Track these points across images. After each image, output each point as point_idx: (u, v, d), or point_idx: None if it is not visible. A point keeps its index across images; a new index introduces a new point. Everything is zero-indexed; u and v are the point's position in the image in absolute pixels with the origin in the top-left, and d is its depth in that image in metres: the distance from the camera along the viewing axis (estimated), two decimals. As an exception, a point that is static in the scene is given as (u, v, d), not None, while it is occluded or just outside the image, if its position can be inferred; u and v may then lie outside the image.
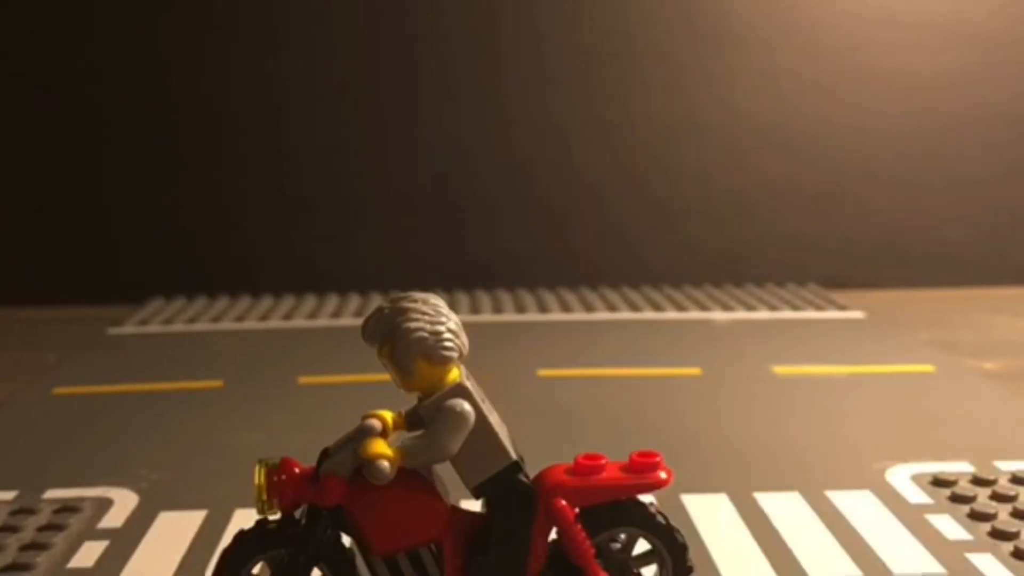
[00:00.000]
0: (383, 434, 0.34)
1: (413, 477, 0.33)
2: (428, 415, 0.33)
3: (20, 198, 0.95)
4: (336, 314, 0.85)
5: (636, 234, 0.99)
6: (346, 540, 0.34)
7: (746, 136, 0.98)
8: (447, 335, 0.32)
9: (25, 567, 0.41)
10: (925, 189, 1.00)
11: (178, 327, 0.82)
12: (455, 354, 0.33)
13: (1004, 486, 0.47)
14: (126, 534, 0.44)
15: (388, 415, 0.35)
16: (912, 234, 1.00)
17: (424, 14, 0.95)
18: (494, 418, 0.34)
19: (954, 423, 0.58)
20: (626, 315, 0.85)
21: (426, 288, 1.01)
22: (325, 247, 0.96)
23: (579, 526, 0.33)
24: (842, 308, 0.87)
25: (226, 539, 0.43)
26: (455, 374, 0.33)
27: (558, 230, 0.98)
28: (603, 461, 0.35)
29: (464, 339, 0.33)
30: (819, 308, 0.87)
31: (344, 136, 0.96)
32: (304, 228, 0.96)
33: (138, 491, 0.48)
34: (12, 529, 0.44)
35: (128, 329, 0.82)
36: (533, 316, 0.85)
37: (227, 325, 0.83)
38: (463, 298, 0.91)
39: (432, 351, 0.32)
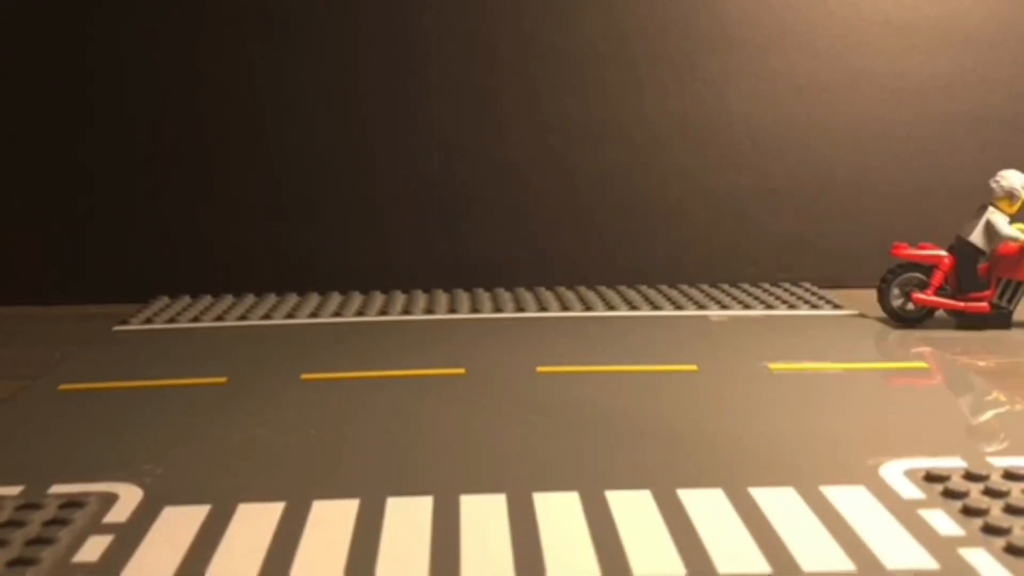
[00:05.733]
0: None
1: None
2: None
3: (26, 198, 0.96)
4: (338, 312, 0.86)
5: (633, 233, 0.99)
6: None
7: (741, 136, 0.98)
8: None
9: (30, 562, 0.41)
10: (919, 189, 1.00)
11: (183, 324, 0.83)
12: None
13: (997, 482, 0.47)
14: (131, 529, 0.44)
15: None
16: (906, 233, 1.00)
17: (416, 14, 0.95)
18: None
19: (947, 419, 0.58)
20: (624, 313, 0.85)
21: (427, 287, 1.00)
22: (327, 247, 0.97)
23: None
24: (837, 306, 0.87)
25: (229, 534, 0.43)
26: None
27: (555, 230, 0.99)
28: None
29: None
30: (814, 306, 0.87)
31: (344, 137, 0.96)
32: (306, 229, 0.97)
33: (143, 486, 0.49)
34: (17, 524, 0.44)
35: (133, 327, 0.83)
36: (532, 314, 0.85)
37: (231, 323, 0.83)
38: (463, 296, 0.91)
39: None
